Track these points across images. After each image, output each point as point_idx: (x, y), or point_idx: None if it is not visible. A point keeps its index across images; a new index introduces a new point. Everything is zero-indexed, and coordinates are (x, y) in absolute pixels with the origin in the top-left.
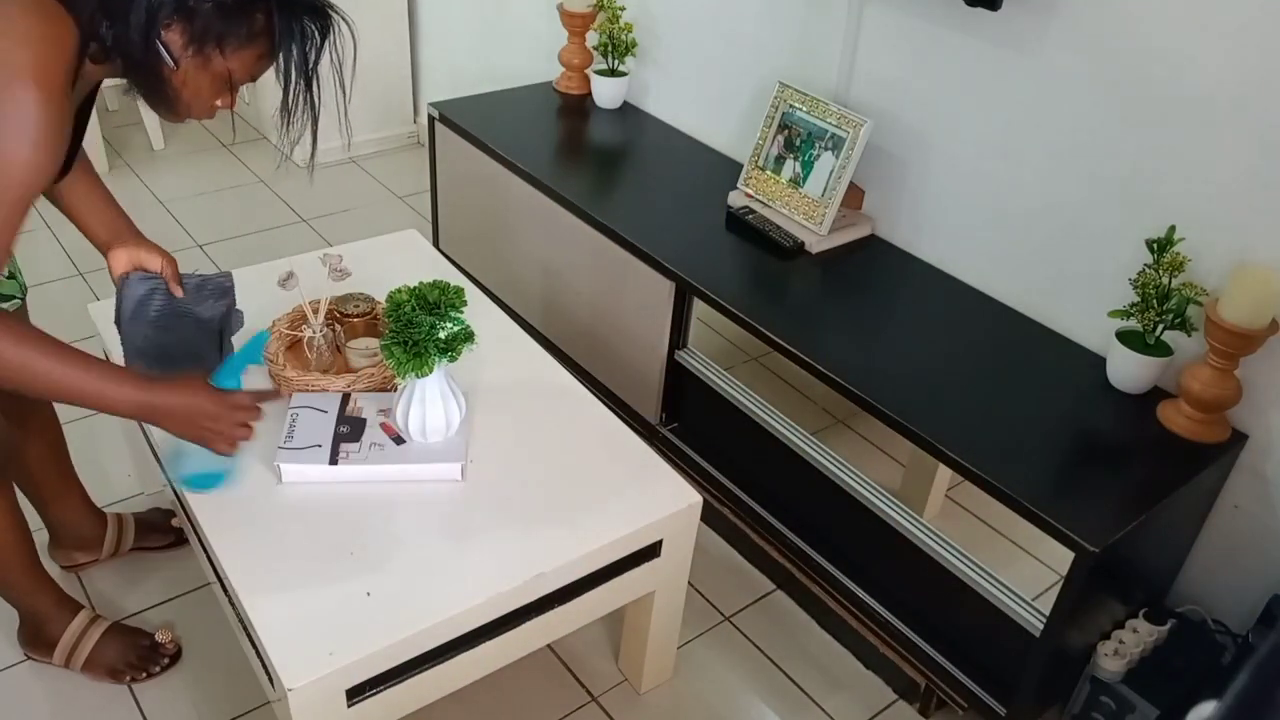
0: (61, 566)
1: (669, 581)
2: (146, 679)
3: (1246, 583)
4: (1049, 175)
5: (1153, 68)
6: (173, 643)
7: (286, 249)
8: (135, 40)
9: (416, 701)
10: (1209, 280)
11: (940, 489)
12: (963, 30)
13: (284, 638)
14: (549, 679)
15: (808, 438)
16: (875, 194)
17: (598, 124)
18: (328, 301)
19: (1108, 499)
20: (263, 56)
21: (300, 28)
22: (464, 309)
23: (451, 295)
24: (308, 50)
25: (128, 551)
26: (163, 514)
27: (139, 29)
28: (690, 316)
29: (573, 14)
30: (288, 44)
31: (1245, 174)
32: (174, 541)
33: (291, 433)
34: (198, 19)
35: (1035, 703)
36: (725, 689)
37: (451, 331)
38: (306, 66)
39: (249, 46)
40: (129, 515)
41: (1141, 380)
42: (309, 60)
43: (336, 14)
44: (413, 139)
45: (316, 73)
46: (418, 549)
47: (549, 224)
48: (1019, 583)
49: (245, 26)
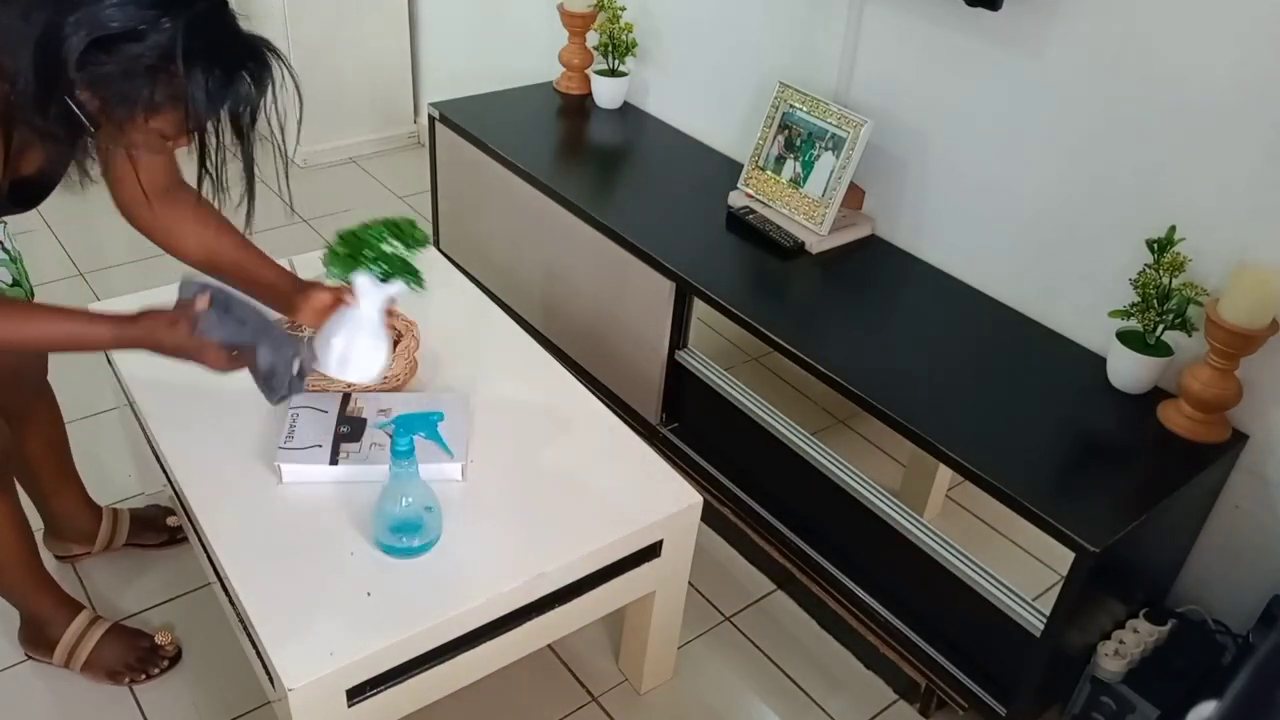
0: (56, 557)
1: (669, 581)
2: (146, 680)
3: (1247, 583)
4: (1049, 175)
5: (1153, 68)
6: (172, 644)
7: (286, 249)
8: (39, 105)
9: (417, 701)
10: (1209, 280)
11: (940, 489)
12: (963, 30)
13: (284, 638)
14: (549, 679)
15: (808, 438)
16: (875, 194)
17: (598, 124)
18: None
19: (1108, 499)
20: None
21: (222, 86)
22: (421, 248)
23: (416, 231)
24: (240, 110)
25: (122, 546)
26: (160, 511)
27: (41, 93)
28: (690, 316)
29: (573, 14)
30: (206, 107)
31: (1245, 174)
32: (168, 540)
33: (292, 433)
34: (101, 82)
35: (1035, 703)
36: (725, 689)
37: (399, 252)
38: (240, 127)
39: (170, 109)
40: (125, 511)
41: (1142, 380)
42: (242, 121)
43: (273, 60)
44: (413, 139)
45: (253, 129)
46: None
47: (549, 224)
48: (1019, 583)
49: (155, 89)
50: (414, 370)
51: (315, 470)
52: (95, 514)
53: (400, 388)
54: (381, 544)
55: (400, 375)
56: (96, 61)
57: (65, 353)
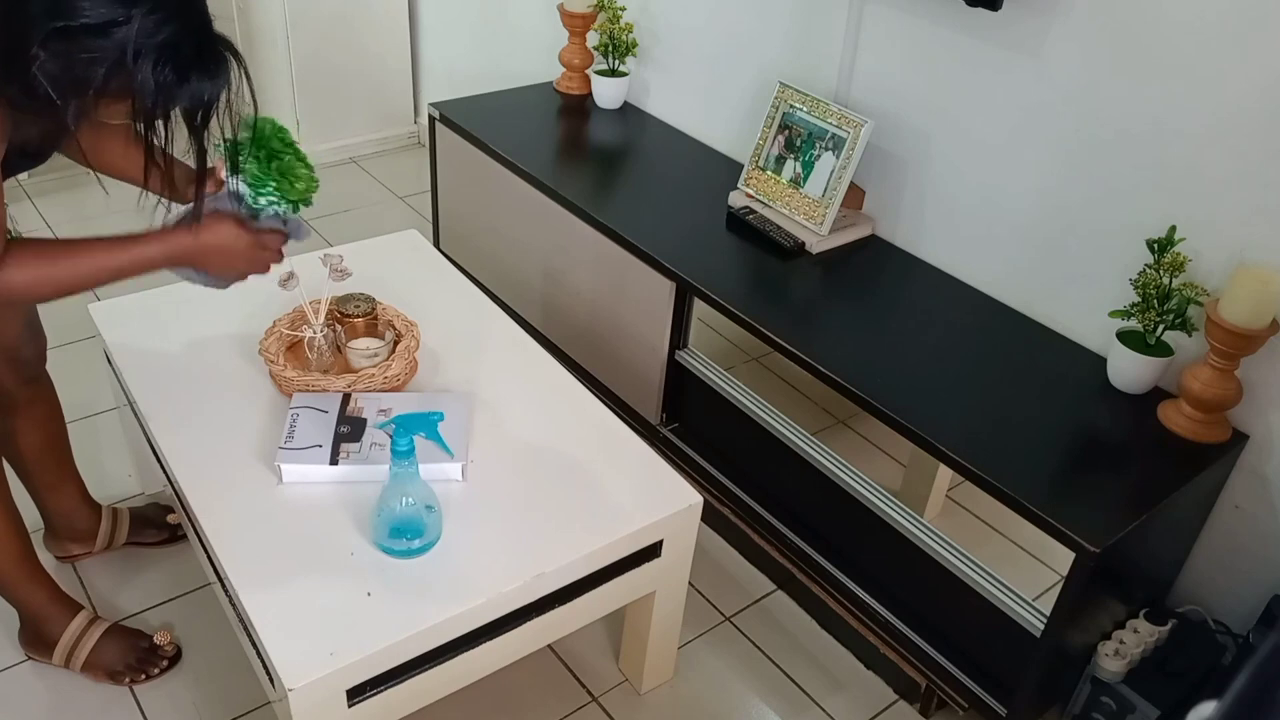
0: (56, 557)
1: (669, 581)
2: (145, 681)
3: (1247, 583)
4: (1049, 175)
5: (1153, 67)
6: (171, 644)
7: (286, 249)
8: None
9: (417, 702)
10: (1209, 280)
11: (940, 489)
12: (963, 30)
13: (284, 638)
14: (549, 679)
15: (808, 438)
16: (876, 194)
17: (598, 124)
18: (328, 301)
19: (1108, 499)
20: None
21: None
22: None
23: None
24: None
25: (122, 545)
26: (159, 509)
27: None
28: (690, 316)
29: (573, 14)
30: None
31: (1245, 174)
32: (169, 538)
33: (292, 433)
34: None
35: (1035, 703)
36: (726, 689)
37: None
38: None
39: (121, 98)
40: (125, 509)
41: (1142, 380)
42: (195, 121)
43: (232, 63)
44: (413, 139)
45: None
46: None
47: (549, 224)
48: (1019, 583)
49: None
50: (414, 370)
51: (315, 470)
52: (95, 513)
53: (400, 388)
54: (381, 544)
55: (400, 375)
56: (58, 43)
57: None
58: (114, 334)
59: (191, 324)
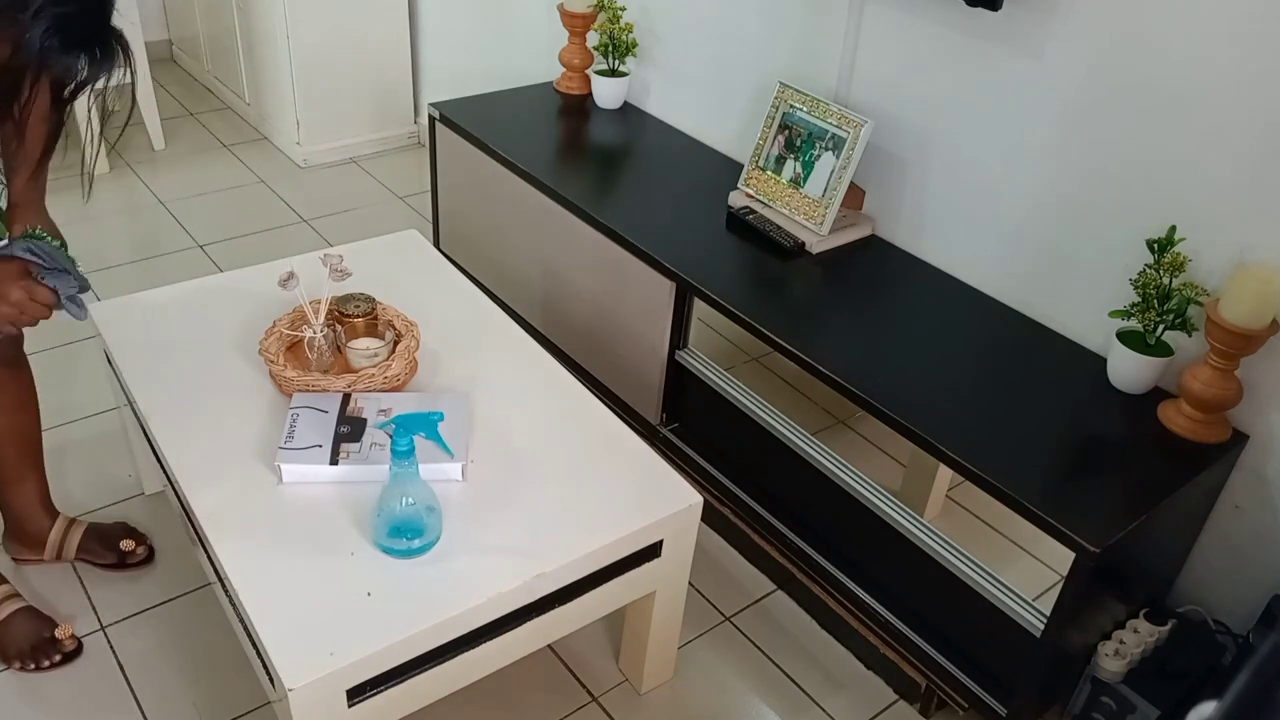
0: (12, 559)
1: (669, 581)
2: (35, 671)
3: (1247, 583)
4: (1049, 175)
5: (1153, 68)
6: (72, 639)
7: (287, 249)
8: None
9: (417, 702)
10: (1209, 280)
11: (940, 489)
12: (963, 30)
13: (284, 638)
14: (549, 679)
15: (808, 438)
16: (876, 194)
17: (598, 124)
18: (328, 301)
19: (1108, 499)
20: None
21: (57, 52)
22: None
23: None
24: (64, 81)
25: (73, 559)
26: (123, 531)
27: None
28: (690, 316)
29: (573, 14)
30: (35, 60)
31: (1245, 174)
32: (118, 563)
33: (292, 433)
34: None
35: (1035, 703)
36: (726, 689)
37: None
38: (61, 97)
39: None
40: (84, 523)
41: (1142, 380)
42: (65, 92)
43: (119, 55)
44: (413, 139)
45: (69, 104)
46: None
47: (549, 224)
48: (1019, 583)
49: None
50: (414, 370)
51: (315, 470)
52: (47, 521)
53: (400, 388)
54: (381, 544)
55: (400, 375)
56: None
57: None
58: (114, 334)
59: (192, 324)
